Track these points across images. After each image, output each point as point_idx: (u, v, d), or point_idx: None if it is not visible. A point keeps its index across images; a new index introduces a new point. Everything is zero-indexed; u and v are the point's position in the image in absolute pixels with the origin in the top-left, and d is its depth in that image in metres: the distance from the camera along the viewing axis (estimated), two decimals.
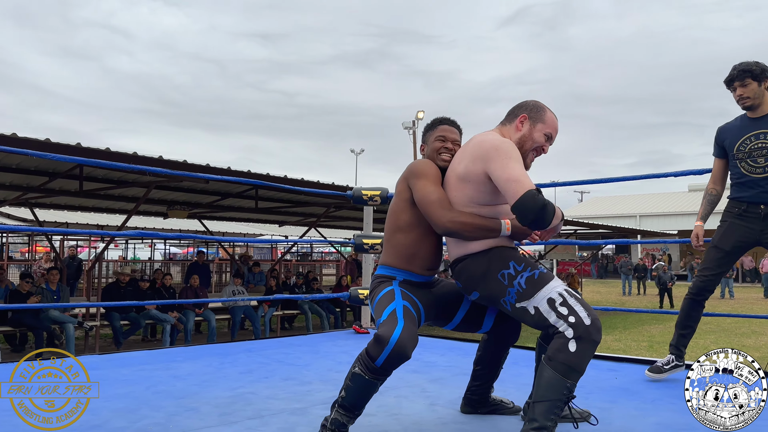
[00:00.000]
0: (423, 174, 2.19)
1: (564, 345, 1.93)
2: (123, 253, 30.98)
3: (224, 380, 3.04)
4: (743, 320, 12.27)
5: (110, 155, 6.11)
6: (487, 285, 2.09)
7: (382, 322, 2.04)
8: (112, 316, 8.32)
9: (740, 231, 2.95)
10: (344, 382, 2.06)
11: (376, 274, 2.31)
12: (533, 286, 2.01)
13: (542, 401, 1.93)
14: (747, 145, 2.88)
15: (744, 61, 2.88)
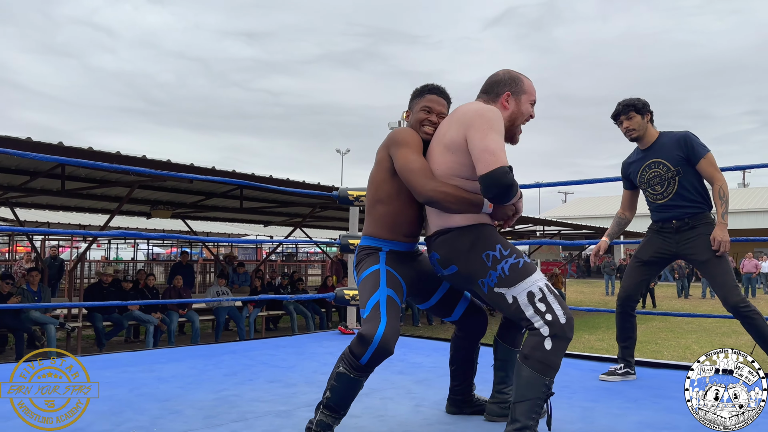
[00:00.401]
0: (404, 142, 2.16)
1: (540, 343, 1.93)
2: (105, 254, 30.66)
3: (208, 382, 3.02)
4: (724, 320, 12.41)
5: (93, 155, 6.05)
6: (468, 261, 2.05)
7: (366, 318, 2.04)
8: (95, 317, 8.23)
9: (657, 243, 3.17)
10: (328, 382, 2.06)
11: (361, 245, 2.27)
12: (516, 274, 2.00)
13: (523, 401, 1.93)
14: (645, 175, 3.17)
15: (628, 98, 3.16)
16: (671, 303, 17.56)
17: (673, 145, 3.07)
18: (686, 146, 3.04)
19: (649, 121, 3.16)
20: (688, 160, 3.04)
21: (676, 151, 3.05)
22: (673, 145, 3.07)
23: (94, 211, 12.22)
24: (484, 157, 1.95)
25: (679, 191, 3.06)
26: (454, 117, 2.13)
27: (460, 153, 2.05)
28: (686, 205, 3.06)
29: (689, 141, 3.05)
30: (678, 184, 3.06)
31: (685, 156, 3.04)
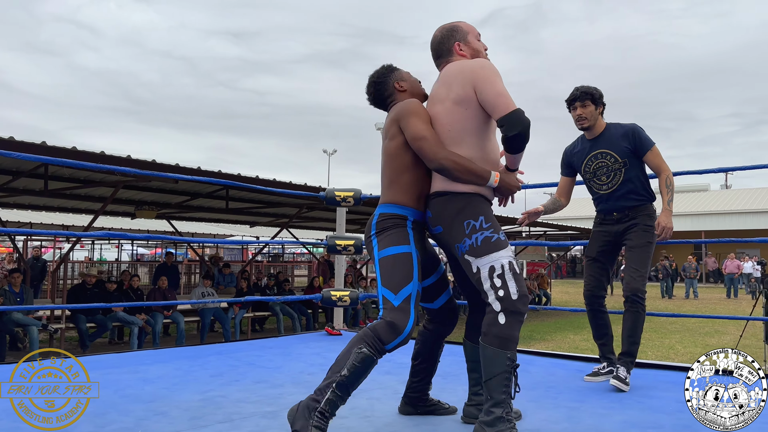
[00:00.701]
0: (413, 112, 2.21)
1: (494, 319, 2.04)
2: (89, 254, 30.37)
3: (194, 383, 3.00)
4: (707, 320, 12.56)
5: (77, 154, 5.99)
6: (451, 226, 2.15)
7: (397, 307, 2.09)
8: (78, 319, 8.15)
9: (601, 237, 3.23)
10: (344, 362, 2.04)
11: (384, 212, 2.25)
12: (486, 247, 2.09)
13: (491, 378, 2.02)
14: (591, 165, 3.20)
15: (585, 85, 3.17)
16: (655, 303, 17.73)
17: (620, 137, 3.13)
18: (634, 138, 3.12)
19: (601, 113, 3.20)
20: (635, 152, 3.11)
21: (623, 142, 3.11)
22: (621, 137, 3.13)
23: (77, 211, 12.10)
24: (500, 101, 2.08)
25: (624, 182, 3.13)
26: (450, 76, 2.20)
27: (471, 107, 2.15)
28: (630, 197, 3.13)
29: (637, 133, 3.12)
30: (624, 175, 3.12)
31: (633, 148, 3.11)
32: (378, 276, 2.19)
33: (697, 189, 35.44)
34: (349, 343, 2.09)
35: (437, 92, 2.25)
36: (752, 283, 19.94)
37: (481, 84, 2.11)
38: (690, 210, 31.04)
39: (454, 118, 2.16)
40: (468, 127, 2.16)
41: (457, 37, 2.31)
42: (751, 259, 22.04)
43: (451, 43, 2.30)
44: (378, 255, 2.21)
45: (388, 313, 2.10)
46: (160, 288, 9.49)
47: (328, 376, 2.05)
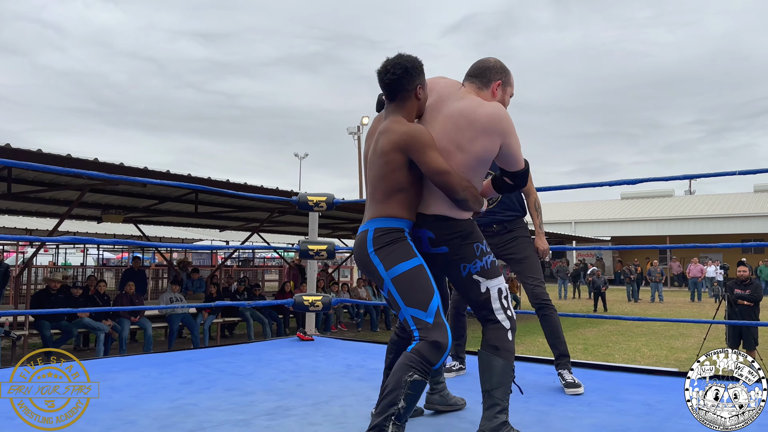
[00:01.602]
0: (430, 145, 2.13)
1: (504, 336, 2.20)
2: (53, 259, 29.68)
3: (163, 391, 2.95)
4: (672, 323, 12.84)
5: (42, 157, 5.86)
6: (461, 246, 2.21)
7: (433, 323, 2.06)
8: (42, 325, 7.95)
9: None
10: (396, 393, 1.99)
11: (381, 227, 2.17)
12: (495, 270, 2.25)
13: (500, 386, 2.17)
14: None
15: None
16: (622, 307, 18.05)
17: None
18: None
19: None
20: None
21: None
22: None
23: (41, 215, 11.83)
24: (519, 156, 2.24)
25: (503, 199, 3.27)
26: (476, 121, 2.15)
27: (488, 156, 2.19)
28: (507, 212, 3.26)
29: None
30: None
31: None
32: (396, 296, 2.11)
33: (662, 195, 36.23)
34: (396, 371, 2.03)
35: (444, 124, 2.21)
36: (715, 287, 20.46)
37: (509, 140, 2.18)
38: (655, 215, 31.72)
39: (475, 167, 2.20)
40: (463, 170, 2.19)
41: (504, 80, 2.34)
42: (714, 263, 22.61)
43: (495, 78, 2.32)
44: (388, 274, 2.13)
45: (426, 333, 2.06)
46: (127, 293, 9.32)
47: (382, 409, 2.00)
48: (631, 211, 33.41)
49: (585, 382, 3.25)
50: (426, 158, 2.12)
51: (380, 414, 2.00)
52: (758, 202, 30.93)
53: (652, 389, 3.08)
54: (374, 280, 2.24)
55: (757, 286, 7.82)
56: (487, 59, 2.38)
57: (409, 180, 2.18)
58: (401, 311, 2.12)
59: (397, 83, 2.20)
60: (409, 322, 2.10)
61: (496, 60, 2.36)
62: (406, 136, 2.13)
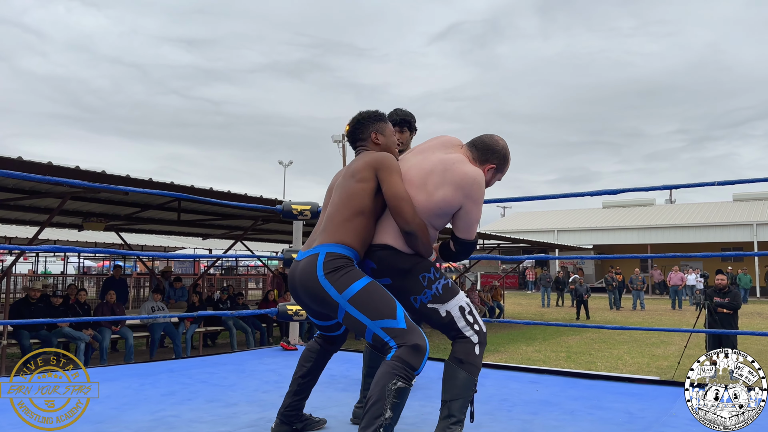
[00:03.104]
0: (397, 170, 2.25)
1: (471, 349, 2.22)
2: (33, 267, 29.25)
3: (145, 403, 2.92)
4: (653, 332, 12.94)
5: (22, 164, 5.78)
6: (405, 279, 2.23)
7: (407, 328, 2.06)
8: (21, 335, 7.82)
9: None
10: (382, 403, 1.96)
11: (333, 251, 2.16)
12: (448, 292, 2.25)
13: (458, 399, 2.18)
14: None
15: (404, 110, 3.12)
16: (604, 315, 18.18)
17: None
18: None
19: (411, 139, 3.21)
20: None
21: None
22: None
23: (21, 222, 11.66)
24: (473, 227, 2.30)
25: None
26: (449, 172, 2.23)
27: (446, 208, 2.23)
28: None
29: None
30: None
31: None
32: (359, 315, 2.08)
33: (643, 203, 36.64)
34: (379, 381, 2.00)
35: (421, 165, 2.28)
36: (696, 295, 20.70)
37: (469, 205, 2.23)
38: (636, 224, 32.06)
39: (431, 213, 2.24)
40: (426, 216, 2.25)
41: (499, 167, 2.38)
42: (694, 271, 22.89)
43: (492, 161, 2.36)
44: (343, 296, 2.10)
45: (403, 339, 2.04)
46: (108, 302, 9.21)
47: (368, 422, 1.96)
48: (612, 220, 33.75)
49: (568, 390, 3.28)
50: (390, 179, 2.22)
51: (367, 426, 1.95)
52: (737, 211, 31.41)
53: (633, 398, 3.11)
54: (320, 307, 2.18)
55: (736, 294, 7.93)
56: (497, 141, 2.40)
57: (371, 205, 2.23)
58: (367, 329, 2.08)
59: (352, 134, 2.43)
60: (380, 336, 2.07)
61: (504, 146, 2.41)
62: (379, 157, 2.27)
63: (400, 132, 3.09)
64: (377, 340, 2.08)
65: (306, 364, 2.44)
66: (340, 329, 2.45)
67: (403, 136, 3.11)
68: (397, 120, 3.09)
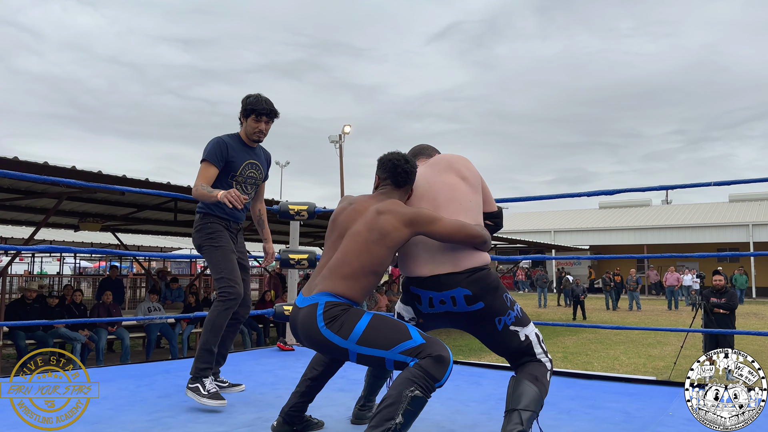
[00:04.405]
0: (434, 217, 2.20)
1: (545, 372, 2.26)
2: (29, 268, 29.18)
3: (141, 404, 2.91)
4: (650, 332, 12.98)
5: (18, 164, 5.77)
6: (495, 299, 2.24)
7: (426, 342, 2.03)
8: (17, 335, 7.80)
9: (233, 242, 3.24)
10: (398, 407, 1.93)
11: (332, 301, 2.12)
12: (525, 317, 2.32)
13: (528, 410, 2.14)
14: (245, 172, 3.19)
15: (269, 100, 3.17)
16: (600, 315, 18.21)
17: (265, 158, 3.34)
18: (268, 165, 3.39)
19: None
20: (265, 177, 3.35)
21: (266, 163, 3.35)
22: (265, 159, 3.34)
23: (17, 223, 11.63)
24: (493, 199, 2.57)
25: (247, 204, 3.29)
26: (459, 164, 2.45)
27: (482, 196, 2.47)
28: (244, 212, 3.28)
29: (270, 162, 3.41)
30: (254, 191, 3.32)
31: (267, 172, 3.37)
32: (373, 352, 2.04)
33: (640, 204, 36.71)
34: (397, 386, 1.96)
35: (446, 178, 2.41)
36: (692, 296, 20.74)
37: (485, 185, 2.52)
38: (633, 224, 32.12)
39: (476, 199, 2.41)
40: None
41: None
42: (691, 272, 22.93)
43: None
44: (350, 341, 2.05)
45: (426, 351, 2.00)
46: (104, 303, 9.19)
47: (378, 422, 1.93)
48: (609, 221, 33.79)
49: (564, 390, 3.28)
50: (436, 227, 2.19)
51: (376, 427, 1.92)
52: (733, 211, 31.49)
53: (630, 397, 3.11)
54: (331, 354, 2.14)
55: (733, 295, 7.94)
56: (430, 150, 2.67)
57: (387, 262, 2.18)
58: (386, 360, 2.04)
59: (410, 176, 2.34)
60: (402, 360, 2.02)
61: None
62: (414, 214, 2.20)
63: (267, 123, 3.16)
64: (399, 366, 2.04)
65: (318, 367, 2.43)
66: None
67: (267, 127, 3.19)
68: (266, 111, 3.13)
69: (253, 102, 3.13)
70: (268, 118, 3.17)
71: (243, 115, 3.18)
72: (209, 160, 3.07)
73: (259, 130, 3.15)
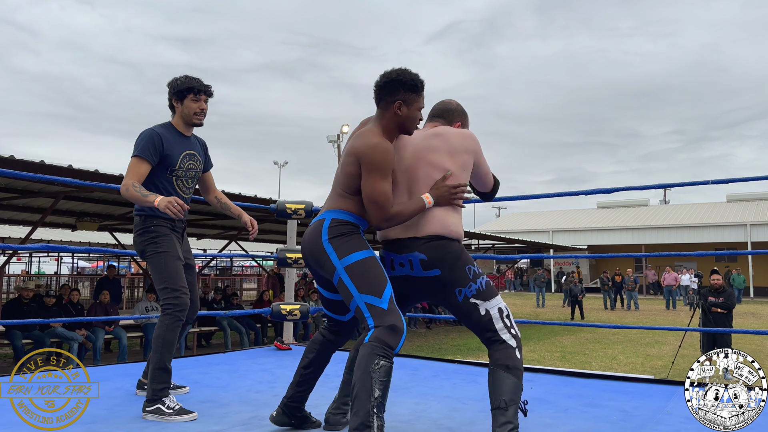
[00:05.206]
0: (378, 167, 2.14)
1: (512, 354, 2.21)
2: (26, 267, 29.13)
3: (137, 403, 2.89)
4: (648, 331, 12.99)
5: (14, 163, 5.75)
6: (453, 270, 2.22)
7: (387, 309, 2.08)
8: (14, 335, 7.78)
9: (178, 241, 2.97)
10: (371, 383, 1.98)
11: (337, 218, 2.20)
12: (490, 291, 2.27)
13: (512, 404, 2.17)
14: (185, 163, 2.94)
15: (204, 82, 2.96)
16: (598, 314, 18.21)
17: (201, 146, 3.08)
18: (207, 153, 3.12)
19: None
20: (204, 166, 3.11)
21: (204, 151, 3.10)
22: (201, 147, 3.09)
23: (14, 222, 11.60)
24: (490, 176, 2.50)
25: (194, 191, 3.09)
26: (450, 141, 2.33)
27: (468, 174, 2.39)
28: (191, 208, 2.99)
29: (207, 148, 3.14)
30: (194, 185, 3.07)
31: (205, 161, 3.11)
32: (350, 284, 2.12)
33: (638, 204, 36.74)
34: (361, 364, 2.01)
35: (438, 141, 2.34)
36: (690, 295, 20.76)
37: (481, 159, 2.40)
38: (631, 224, 32.14)
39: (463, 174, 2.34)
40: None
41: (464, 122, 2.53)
42: (688, 271, 22.96)
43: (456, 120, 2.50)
44: (341, 263, 2.14)
45: (381, 319, 2.07)
46: (101, 302, 9.17)
47: (360, 405, 1.96)
48: (607, 220, 33.82)
49: (562, 388, 3.27)
50: (369, 178, 2.15)
51: (359, 412, 1.95)
52: (731, 211, 31.53)
53: (628, 396, 3.11)
54: (323, 271, 2.20)
55: (730, 294, 7.94)
56: (449, 102, 2.53)
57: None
58: (353, 299, 2.12)
59: (379, 90, 2.28)
60: (362, 310, 2.10)
61: (457, 103, 2.54)
62: (365, 148, 2.17)
63: (206, 102, 2.95)
64: (358, 313, 2.12)
65: (309, 355, 2.44)
66: (347, 314, 2.40)
67: (206, 107, 2.96)
68: (203, 89, 2.92)
69: (187, 80, 2.90)
70: (207, 95, 2.95)
71: (177, 97, 2.91)
72: (142, 156, 2.79)
73: (201, 110, 2.92)
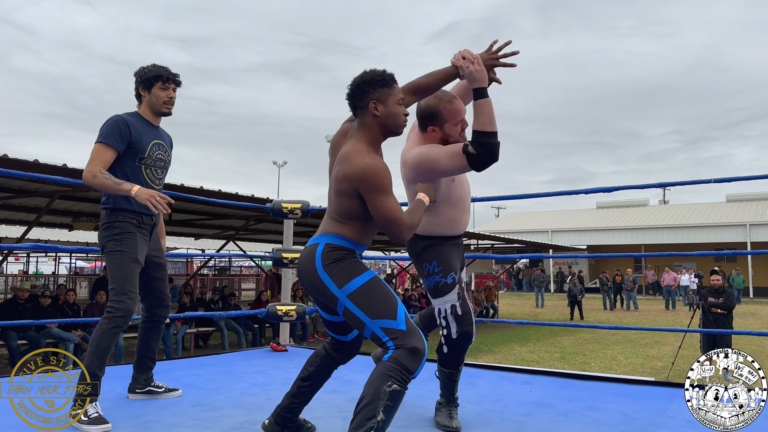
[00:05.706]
0: (382, 188, 2.01)
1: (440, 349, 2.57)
2: (24, 267, 29.05)
3: (128, 407, 2.84)
4: (647, 332, 12.94)
5: (9, 162, 5.69)
6: (416, 265, 2.59)
7: (407, 331, 1.98)
8: (9, 336, 7.72)
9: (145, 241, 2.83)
10: (374, 405, 1.88)
11: (332, 243, 2.07)
12: (444, 290, 2.50)
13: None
14: (153, 153, 2.82)
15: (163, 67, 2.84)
16: (598, 315, 18.17)
17: (168, 139, 2.98)
18: (172, 147, 3.02)
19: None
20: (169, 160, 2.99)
21: (170, 145, 2.99)
22: (168, 139, 2.98)
23: (10, 222, 11.55)
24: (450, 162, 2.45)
25: (165, 183, 2.97)
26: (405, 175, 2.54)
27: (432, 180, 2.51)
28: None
29: (172, 144, 3.03)
30: (164, 176, 2.94)
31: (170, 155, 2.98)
32: (358, 312, 2.00)
33: (637, 204, 36.71)
34: (373, 382, 1.92)
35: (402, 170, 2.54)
36: (690, 296, 20.72)
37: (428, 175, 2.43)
38: (630, 224, 32.11)
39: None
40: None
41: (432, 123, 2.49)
42: (688, 272, 22.92)
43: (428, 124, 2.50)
44: (342, 291, 2.02)
45: (402, 341, 1.96)
46: (98, 303, 9.11)
47: (359, 423, 1.88)
48: (606, 221, 33.79)
49: (562, 391, 3.22)
50: (375, 201, 2.01)
51: (358, 427, 1.88)
52: (731, 211, 31.49)
53: (629, 398, 3.06)
54: (323, 298, 2.08)
55: (730, 294, 7.90)
56: (419, 105, 2.52)
57: (362, 211, 2.07)
58: (366, 327, 2.00)
59: (351, 99, 2.14)
60: (378, 335, 1.99)
61: (425, 104, 2.48)
62: (360, 174, 2.01)
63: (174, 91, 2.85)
64: (375, 338, 2.02)
65: (309, 367, 2.35)
66: (349, 335, 2.30)
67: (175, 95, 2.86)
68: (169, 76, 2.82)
69: (155, 69, 2.79)
70: (176, 84, 2.84)
71: (144, 86, 2.80)
72: (106, 142, 2.62)
73: (170, 98, 2.81)
